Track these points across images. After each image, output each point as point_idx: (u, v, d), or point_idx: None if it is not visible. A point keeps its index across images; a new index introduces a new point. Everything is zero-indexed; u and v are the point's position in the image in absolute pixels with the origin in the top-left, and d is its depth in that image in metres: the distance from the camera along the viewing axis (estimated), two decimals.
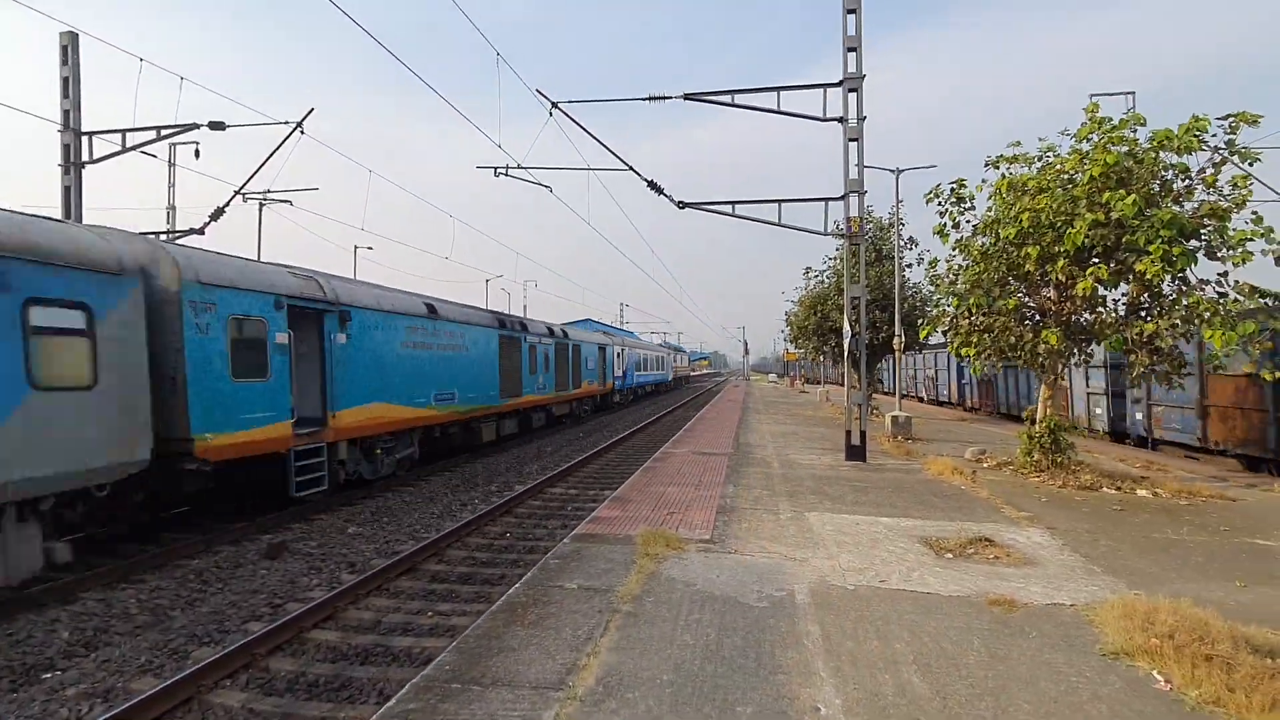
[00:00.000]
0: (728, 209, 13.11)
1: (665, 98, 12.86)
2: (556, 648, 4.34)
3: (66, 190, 12.88)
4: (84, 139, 13.01)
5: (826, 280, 25.24)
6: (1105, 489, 10.09)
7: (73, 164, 12.85)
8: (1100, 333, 10.86)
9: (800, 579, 5.71)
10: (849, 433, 12.89)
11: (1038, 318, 12.00)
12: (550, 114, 13.00)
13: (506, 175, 14.91)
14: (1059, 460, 11.32)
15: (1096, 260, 10.21)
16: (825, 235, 12.85)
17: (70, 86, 12.69)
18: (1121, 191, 9.61)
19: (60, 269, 6.87)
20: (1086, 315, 11.25)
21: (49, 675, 5.21)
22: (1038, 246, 10.44)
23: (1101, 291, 10.44)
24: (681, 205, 13.43)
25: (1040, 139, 11.54)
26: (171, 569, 7.73)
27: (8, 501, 6.31)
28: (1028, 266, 10.72)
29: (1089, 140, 10.66)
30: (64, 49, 12.58)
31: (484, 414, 16.88)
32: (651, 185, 13.28)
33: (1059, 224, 10.16)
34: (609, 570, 5.97)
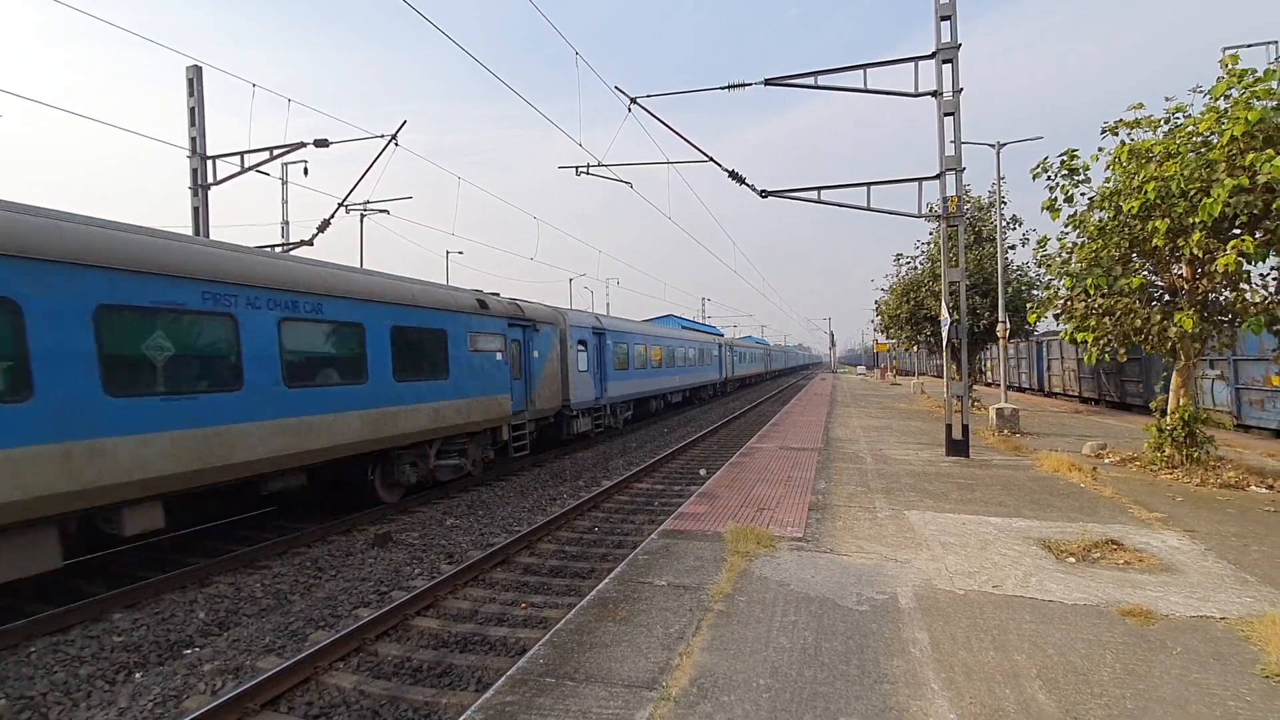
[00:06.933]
0: (813, 195, 12.64)
1: (745, 85, 12.56)
2: (648, 645, 4.30)
3: (195, 210, 14.06)
4: (208, 162, 14.19)
5: (920, 266, 23.90)
6: (1254, 487, 9.01)
7: (200, 186, 14.04)
8: (1243, 312, 9.68)
9: (903, 582, 5.40)
10: (949, 426, 12.17)
11: (1167, 298, 10.86)
12: (629, 109, 13.00)
13: (588, 174, 15.05)
14: (1195, 455, 10.23)
15: (1239, 231, 9.09)
16: (919, 218, 12.16)
17: (196, 116, 13.83)
18: (1270, 152, 8.43)
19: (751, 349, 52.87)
20: (1226, 293, 10.07)
21: (189, 651, 5.72)
22: (1166, 219, 9.41)
23: (1246, 266, 9.28)
24: (764, 194, 13.09)
25: (1167, 99, 10.40)
26: (291, 556, 8.33)
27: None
28: (1155, 241, 9.69)
29: (1227, 97, 9.46)
30: (190, 82, 13.64)
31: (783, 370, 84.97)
32: (733, 175, 13.03)
33: (1192, 192, 9.11)
34: (699, 568, 5.88)
